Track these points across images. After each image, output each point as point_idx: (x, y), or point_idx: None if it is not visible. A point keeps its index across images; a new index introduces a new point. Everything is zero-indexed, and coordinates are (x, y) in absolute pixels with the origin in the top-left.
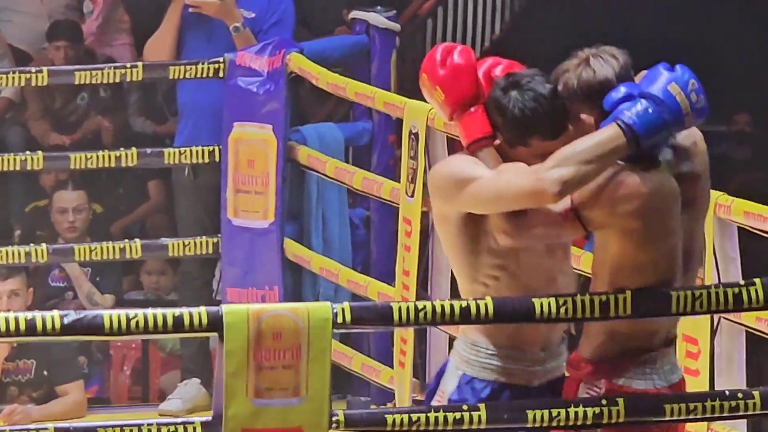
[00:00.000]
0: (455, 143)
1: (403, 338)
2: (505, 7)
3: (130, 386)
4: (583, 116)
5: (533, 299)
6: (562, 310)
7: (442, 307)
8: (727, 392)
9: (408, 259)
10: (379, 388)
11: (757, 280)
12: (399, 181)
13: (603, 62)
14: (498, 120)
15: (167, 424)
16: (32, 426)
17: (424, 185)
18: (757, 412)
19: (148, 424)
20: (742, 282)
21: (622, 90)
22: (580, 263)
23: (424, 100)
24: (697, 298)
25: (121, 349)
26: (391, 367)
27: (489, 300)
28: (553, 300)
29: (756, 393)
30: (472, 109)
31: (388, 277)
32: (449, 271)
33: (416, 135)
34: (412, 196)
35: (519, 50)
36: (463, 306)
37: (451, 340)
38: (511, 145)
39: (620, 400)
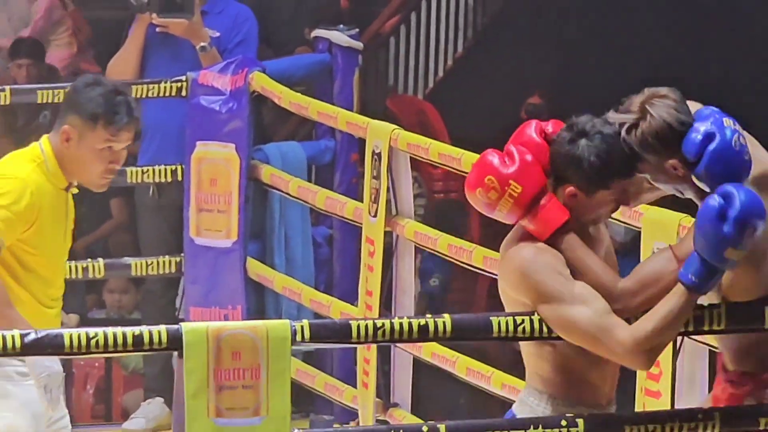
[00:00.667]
0: (418, 163)
1: (366, 358)
2: (468, 25)
3: (93, 405)
4: (672, 162)
5: (491, 317)
6: (520, 328)
7: (401, 324)
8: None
9: (371, 279)
10: (342, 407)
11: (722, 303)
12: (362, 200)
13: (661, 107)
14: (574, 172)
15: None
16: None
17: (388, 203)
18: None
19: None
20: (705, 303)
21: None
22: None
23: (387, 120)
24: None
25: (84, 367)
26: (355, 386)
27: (447, 317)
28: (510, 318)
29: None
30: (544, 199)
31: (351, 296)
32: (412, 291)
33: (379, 155)
34: (375, 216)
35: (481, 68)
36: (421, 324)
37: (415, 360)
38: (589, 192)
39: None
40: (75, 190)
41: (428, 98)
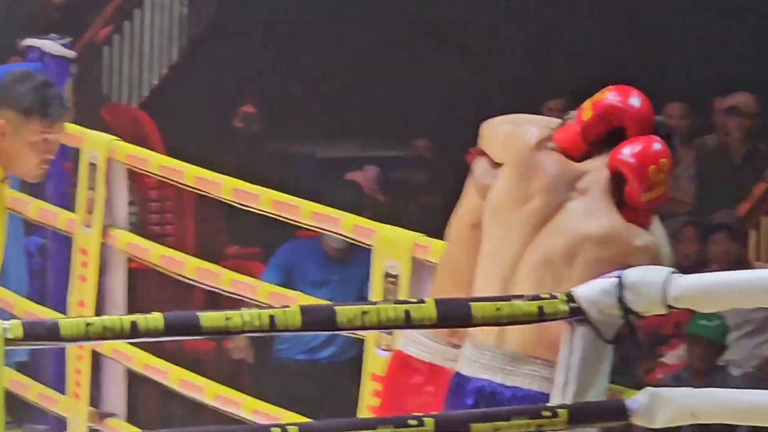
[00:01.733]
0: (131, 172)
1: (78, 369)
2: (182, 34)
3: None
4: None
5: (198, 313)
6: (230, 322)
7: (112, 321)
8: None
9: (84, 290)
10: (56, 417)
11: (560, 295)
12: (74, 209)
13: None
14: None
15: None
16: None
17: (105, 216)
18: None
19: None
20: (546, 294)
21: None
22: (257, 293)
23: (101, 130)
24: (498, 310)
25: None
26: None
27: (158, 315)
28: (220, 314)
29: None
30: None
31: (65, 307)
32: (125, 303)
33: (95, 166)
34: (89, 227)
35: (196, 77)
36: (132, 320)
37: (129, 371)
38: None
39: None
40: (9, 182)
41: (143, 107)
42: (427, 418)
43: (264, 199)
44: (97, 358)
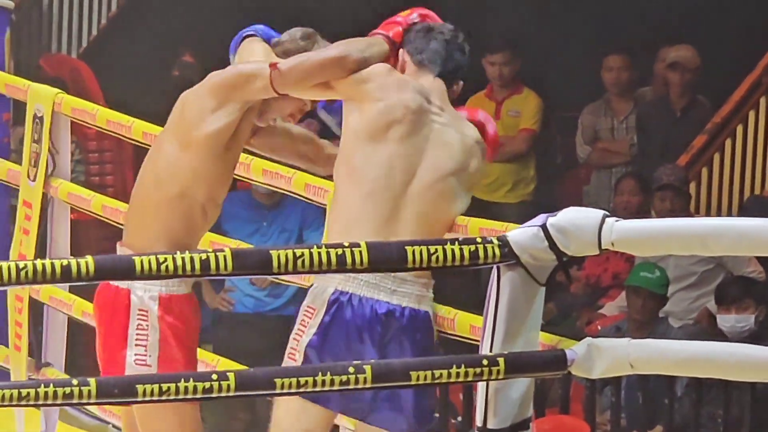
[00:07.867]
0: (76, 125)
1: (18, 321)
2: None
3: None
4: None
5: (134, 257)
6: (163, 266)
7: (43, 265)
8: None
9: (26, 243)
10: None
11: (494, 239)
12: (12, 159)
13: None
14: None
15: None
16: None
17: (46, 166)
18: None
19: None
20: (479, 239)
21: None
22: None
23: (41, 80)
24: (432, 254)
25: None
26: (7, 346)
27: (90, 258)
28: (153, 257)
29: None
30: None
31: (3, 259)
32: (68, 254)
33: (41, 119)
34: (34, 180)
35: (134, 27)
36: (64, 264)
37: (70, 322)
38: None
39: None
40: None
41: (82, 57)
42: (366, 365)
43: None
44: (39, 310)
